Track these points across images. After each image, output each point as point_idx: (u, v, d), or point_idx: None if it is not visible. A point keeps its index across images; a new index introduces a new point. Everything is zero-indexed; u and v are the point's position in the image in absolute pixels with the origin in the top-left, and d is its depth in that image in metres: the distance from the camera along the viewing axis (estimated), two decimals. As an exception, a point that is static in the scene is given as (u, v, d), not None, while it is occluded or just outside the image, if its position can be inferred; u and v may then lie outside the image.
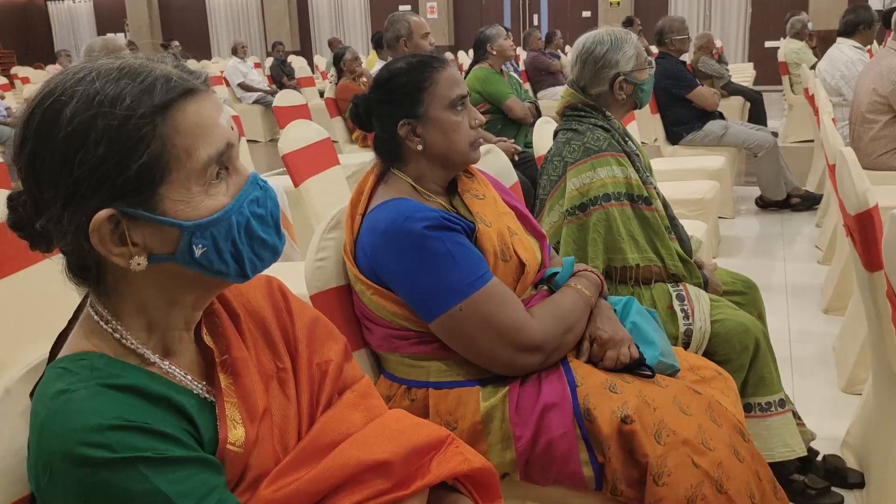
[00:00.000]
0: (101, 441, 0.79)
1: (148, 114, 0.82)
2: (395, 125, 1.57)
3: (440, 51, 3.06)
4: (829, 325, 3.27)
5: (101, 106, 0.81)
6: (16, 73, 13.01)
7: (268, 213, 0.91)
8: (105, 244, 0.83)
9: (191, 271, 0.88)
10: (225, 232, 0.87)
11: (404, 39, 3.75)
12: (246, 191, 0.89)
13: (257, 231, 0.90)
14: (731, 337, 1.93)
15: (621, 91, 2.19)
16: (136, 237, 0.84)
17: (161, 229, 0.85)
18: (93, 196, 0.81)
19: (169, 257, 0.86)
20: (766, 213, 5.23)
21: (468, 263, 1.48)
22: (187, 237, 0.85)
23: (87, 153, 0.80)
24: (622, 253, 2.02)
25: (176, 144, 0.83)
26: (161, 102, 0.83)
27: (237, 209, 0.87)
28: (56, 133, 0.81)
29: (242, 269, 0.90)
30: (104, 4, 19.73)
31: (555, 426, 1.45)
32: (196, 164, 0.85)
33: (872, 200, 1.83)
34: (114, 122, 0.81)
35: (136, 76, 0.84)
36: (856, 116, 4.21)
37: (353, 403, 1.09)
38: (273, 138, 9.92)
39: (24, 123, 0.84)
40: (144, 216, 0.83)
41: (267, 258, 0.93)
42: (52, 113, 0.82)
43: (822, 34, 8.95)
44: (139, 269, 0.85)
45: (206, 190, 0.86)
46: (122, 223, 0.83)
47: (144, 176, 0.82)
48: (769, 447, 1.94)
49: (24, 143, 0.83)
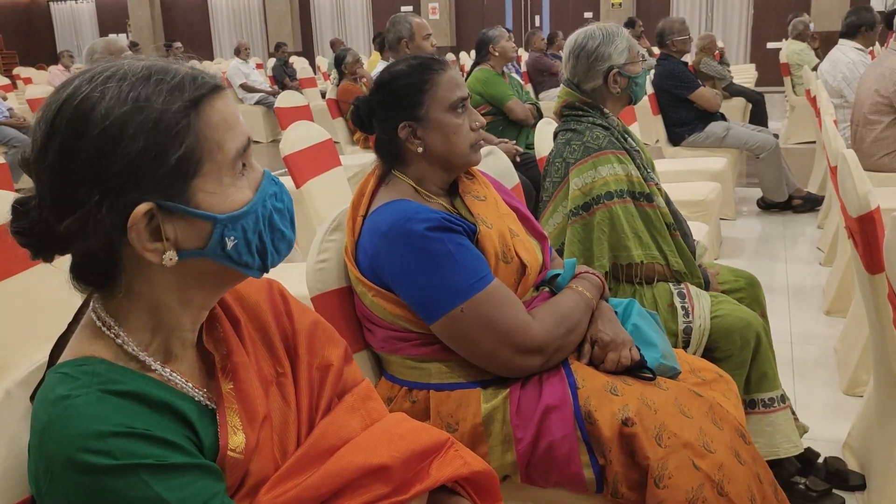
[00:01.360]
0: (103, 448, 0.79)
1: (181, 108, 0.84)
2: (395, 127, 1.57)
3: (442, 52, 3.07)
4: (831, 327, 3.27)
5: (136, 101, 0.83)
6: (18, 74, 13.01)
7: (285, 207, 0.95)
8: (140, 239, 0.84)
9: (213, 266, 0.90)
10: (253, 224, 0.90)
11: (406, 41, 3.75)
12: (265, 186, 0.92)
13: (278, 224, 0.93)
14: (732, 332, 1.94)
15: (616, 85, 2.19)
16: (168, 232, 0.85)
17: (193, 223, 0.86)
18: (132, 189, 0.82)
19: (197, 252, 0.88)
20: (767, 214, 5.22)
21: (469, 265, 1.48)
22: (220, 230, 0.87)
23: (126, 147, 0.81)
24: (627, 250, 2.03)
25: (208, 138, 0.86)
26: (192, 98, 0.86)
27: (261, 202, 0.91)
28: (91, 129, 0.81)
29: (264, 263, 0.93)
30: (106, 5, 19.75)
31: (556, 428, 1.45)
32: (226, 158, 0.87)
33: (874, 203, 1.83)
34: (151, 115, 0.83)
35: (164, 74, 0.86)
36: (858, 118, 4.21)
37: (353, 407, 1.09)
38: (275, 139, 9.92)
39: (51, 122, 0.83)
40: (181, 209, 0.85)
41: (283, 251, 0.96)
42: (84, 110, 0.82)
43: (824, 35, 8.94)
44: (170, 264, 0.86)
45: (235, 183, 0.89)
46: (156, 217, 0.84)
47: (181, 168, 0.84)
48: (774, 443, 1.95)
49: (51, 141, 0.82)
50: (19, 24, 20.16)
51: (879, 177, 3.93)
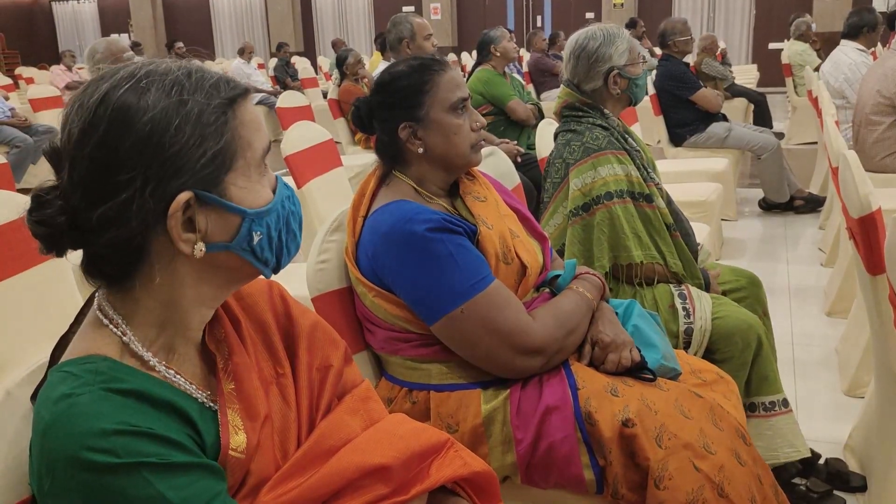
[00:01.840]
0: (105, 446, 0.79)
1: (220, 105, 0.89)
2: (396, 128, 1.57)
3: (443, 52, 3.08)
4: (832, 328, 3.27)
5: (181, 94, 0.87)
6: (20, 74, 13.02)
7: (297, 210, 0.99)
8: (177, 228, 0.86)
9: (234, 261, 0.92)
10: (275, 222, 0.94)
11: (407, 41, 3.75)
12: (280, 189, 0.96)
13: (293, 225, 0.97)
14: (733, 334, 1.93)
15: (616, 86, 2.19)
16: (201, 224, 0.88)
17: (225, 216, 0.89)
18: (174, 177, 0.85)
19: (223, 245, 0.90)
20: (769, 215, 5.22)
21: (470, 266, 1.48)
22: (248, 224, 0.91)
23: (172, 136, 0.85)
24: (627, 250, 2.03)
25: (241, 136, 0.91)
26: (230, 97, 0.91)
27: (280, 202, 0.95)
28: (138, 117, 0.84)
29: (279, 262, 0.97)
30: (108, 5, 19.77)
31: (556, 429, 1.45)
32: (255, 155, 0.92)
33: (875, 204, 1.83)
34: (194, 108, 0.87)
35: (203, 73, 0.91)
36: (859, 119, 4.21)
37: (353, 408, 1.09)
38: (276, 139, 9.90)
39: (93, 111, 0.85)
40: (217, 200, 0.88)
41: (292, 253, 0.99)
42: (130, 101, 0.85)
43: (826, 36, 8.93)
44: (199, 256, 0.88)
45: (260, 181, 0.93)
46: (192, 208, 0.87)
47: (218, 160, 0.88)
48: (774, 447, 1.94)
49: (93, 129, 0.84)
50: (21, 23, 20.18)
51: (881, 178, 3.92)
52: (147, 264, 0.89)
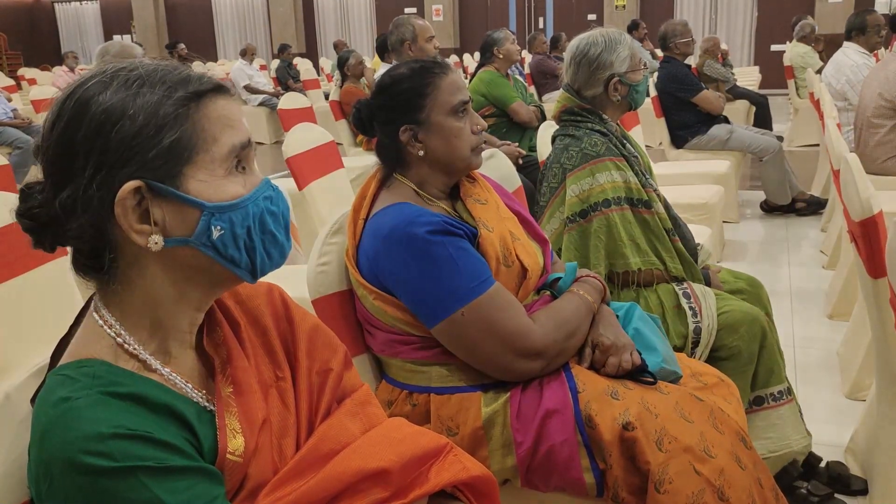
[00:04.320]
0: (103, 450, 0.79)
1: (182, 98, 0.89)
2: (396, 131, 1.58)
3: (445, 54, 3.07)
4: (834, 331, 3.26)
5: (141, 87, 0.87)
6: (22, 75, 13.04)
7: (280, 212, 0.96)
8: (127, 217, 0.86)
9: (203, 257, 0.91)
10: (241, 218, 0.91)
11: (409, 43, 3.75)
12: (260, 188, 0.94)
13: (270, 226, 0.94)
14: (738, 326, 1.94)
15: (616, 93, 2.19)
16: (156, 215, 0.87)
17: (182, 209, 0.88)
18: (124, 165, 0.85)
19: (184, 241, 0.89)
20: (770, 217, 5.21)
21: (470, 268, 1.48)
22: (207, 217, 0.89)
23: (124, 125, 0.85)
24: (624, 258, 2.03)
25: (205, 129, 0.89)
26: (195, 91, 0.90)
27: (253, 200, 0.92)
28: (94, 107, 0.86)
29: (252, 262, 0.93)
30: (111, 6, 19.80)
31: (556, 432, 1.45)
32: (221, 150, 0.90)
33: (877, 207, 1.82)
34: (152, 99, 0.87)
35: (172, 69, 0.92)
36: (861, 121, 4.20)
37: (352, 412, 1.09)
38: (278, 141, 9.93)
39: (61, 104, 0.88)
40: (170, 192, 0.87)
41: (276, 258, 0.96)
42: (92, 93, 0.87)
43: (829, 38, 8.92)
44: (156, 249, 0.87)
45: (227, 176, 0.91)
46: (145, 199, 0.87)
47: (174, 151, 0.87)
48: (786, 436, 1.97)
49: (58, 120, 0.87)
50: (24, 24, 20.21)
51: (882, 180, 3.92)
52: (118, 259, 0.90)
